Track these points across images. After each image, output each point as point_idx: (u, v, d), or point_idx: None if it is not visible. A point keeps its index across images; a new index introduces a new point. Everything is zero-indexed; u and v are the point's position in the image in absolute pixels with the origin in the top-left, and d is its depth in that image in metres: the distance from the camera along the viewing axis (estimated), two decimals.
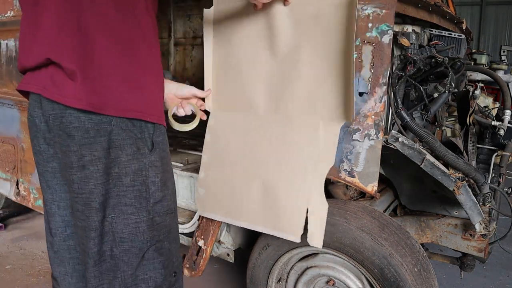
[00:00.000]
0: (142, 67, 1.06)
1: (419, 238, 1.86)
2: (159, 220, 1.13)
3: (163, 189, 1.13)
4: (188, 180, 1.99)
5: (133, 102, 1.03)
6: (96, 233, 1.07)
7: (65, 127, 1.02)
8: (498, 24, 13.55)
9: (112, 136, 1.03)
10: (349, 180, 1.38)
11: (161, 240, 1.14)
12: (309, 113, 1.37)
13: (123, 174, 1.05)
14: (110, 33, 1.00)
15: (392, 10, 1.25)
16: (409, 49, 1.49)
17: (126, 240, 1.08)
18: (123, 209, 1.06)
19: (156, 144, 1.10)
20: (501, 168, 1.81)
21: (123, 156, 1.04)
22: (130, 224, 1.07)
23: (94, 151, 1.02)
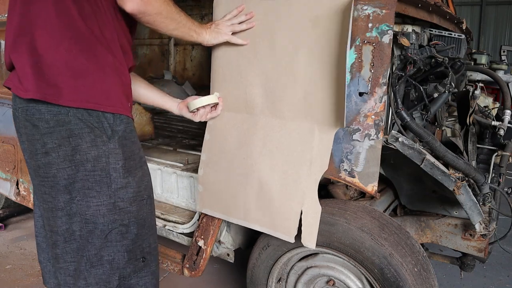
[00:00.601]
0: (98, 62, 1.14)
1: (419, 238, 1.85)
2: (123, 205, 1.20)
3: (126, 175, 1.19)
4: (188, 180, 1.99)
5: (87, 94, 1.12)
6: (62, 212, 1.17)
7: (29, 118, 1.13)
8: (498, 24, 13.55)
9: (71, 126, 1.12)
10: (349, 180, 1.38)
11: (125, 225, 1.21)
12: (304, 117, 1.38)
13: (84, 160, 1.14)
14: (53, 31, 1.10)
15: (392, 10, 1.25)
16: (409, 49, 1.49)
17: (89, 221, 1.17)
18: (86, 192, 1.16)
19: (115, 133, 1.17)
20: (501, 168, 1.81)
21: (83, 143, 1.13)
22: (92, 207, 1.16)
23: (54, 139, 1.12)
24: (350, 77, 1.32)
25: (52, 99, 1.10)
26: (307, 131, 1.38)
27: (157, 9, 1.15)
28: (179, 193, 2.04)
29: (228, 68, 1.52)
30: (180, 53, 4.19)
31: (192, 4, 3.98)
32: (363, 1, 1.29)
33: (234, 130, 1.53)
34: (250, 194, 1.50)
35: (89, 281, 1.21)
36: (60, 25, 1.09)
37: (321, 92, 1.34)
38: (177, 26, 1.25)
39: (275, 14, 1.38)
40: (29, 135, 1.15)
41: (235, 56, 1.50)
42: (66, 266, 1.21)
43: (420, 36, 1.68)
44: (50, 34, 1.10)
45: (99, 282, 1.21)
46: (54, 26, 1.09)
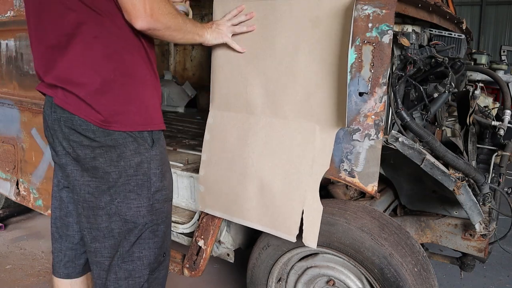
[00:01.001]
0: (140, 86, 1.23)
1: (419, 238, 1.85)
2: (158, 206, 1.30)
3: (162, 179, 1.30)
4: (188, 180, 1.99)
5: (132, 121, 1.22)
6: (103, 211, 1.25)
7: (76, 128, 1.20)
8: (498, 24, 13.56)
9: (115, 136, 1.20)
10: (349, 180, 1.38)
11: (158, 224, 1.31)
12: (305, 117, 1.38)
13: (127, 166, 1.23)
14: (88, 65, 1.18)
15: (392, 10, 1.25)
16: (409, 49, 1.49)
17: (129, 221, 1.26)
18: (127, 195, 1.24)
19: (156, 141, 1.28)
20: (501, 168, 1.81)
21: (127, 151, 1.22)
22: (133, 208, 1.25)
23: (102, 145, 1.20)
24: (350, 77, 1.32)
25: (100, 124, 1.19)
26: (308, 130, 1.38)
27: (165, 24, 1.18)
28: (179, 193, 2.04)
29: (228, 68, 1.53)
30: (180, 53, 4.19)
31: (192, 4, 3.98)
32: (363, 1, 1.29)
33: (235, 130, 1.53)
34: (251, 193, 1.50)
35: (119, 275, 1.29)
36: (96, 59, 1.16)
37: (322, 92, 1.34)
38: (183, 35, 1.29)
39: (276, 14, 1.38)
40: (76, 142, 1.21)
41: (235, 56, 1.50)
42: (102, 260, 1.30)
43: (420, 36, 1.69)
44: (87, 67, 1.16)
45: (128, 277, 1.30)
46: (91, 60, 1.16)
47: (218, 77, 1.56)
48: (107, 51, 1.16)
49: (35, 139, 2.33)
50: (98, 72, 1.16)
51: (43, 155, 2.30)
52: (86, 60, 1.15)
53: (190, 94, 4.04)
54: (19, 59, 2.33)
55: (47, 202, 2.34)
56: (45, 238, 2.95)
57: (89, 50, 1.15)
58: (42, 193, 2.36)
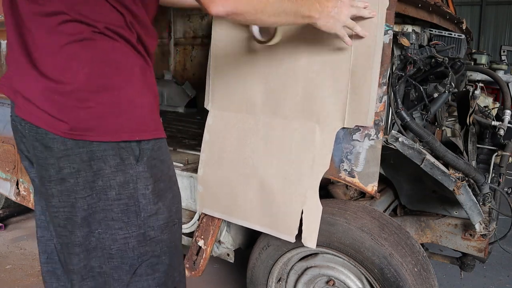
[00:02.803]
0: (124, 80, 0.96)
1: (419, 238, 1.85)
2: (154, 234, 1.03)
3: (156, 201, 1.02)
4: (188, 180, 1.98)
5: (115, 129, 0.95)
6: (80, 248, 1.00)
7: (40, 138, 0.94)
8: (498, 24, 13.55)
9: (93, 147, 0.93)
10: (349, 180, 1.38)
11: (157, 256, 1.05)
12: (305, 116, 1.38)
13: (107, 187, 0.96)
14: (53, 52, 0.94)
15: (392, 10, 1.25)
16: (409, 49, 1.49)
17: (115, 256, 1.00)
18: (109, 224, 0.98)
19: (143, 152, 0.99)
20: (501, 168, 1.81)
21: (106, 168, 0.95)
22: (119, 240, 0.99)
23: (73, 163, 0.93)
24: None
25: (66, 134, 0.92)
26: (308, 130, 1.37)
27: (253, 7, 0.92)
28: None
29: (227, 67, 1.52)
30: (180, 53, 4.19)
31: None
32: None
33: (235, 130, 1.53)
34: (250, 194, 1.50)
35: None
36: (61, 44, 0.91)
37: (322, 92, 1.34)
38: (277, 19, 1.00)
39: None
40: (40, 158, 0.96)
41: (235, 55, 1.50)
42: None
43: (420, 36, 1.68)
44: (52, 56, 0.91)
45: None
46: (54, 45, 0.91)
47: (218, 77, 1.56)
48: (76, 37, 0.90)
49: None
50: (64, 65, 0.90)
51: None
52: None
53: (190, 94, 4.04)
54: None
55: None
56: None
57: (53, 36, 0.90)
58: None
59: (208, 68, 1.60)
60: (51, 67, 0.91)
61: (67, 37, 0.90)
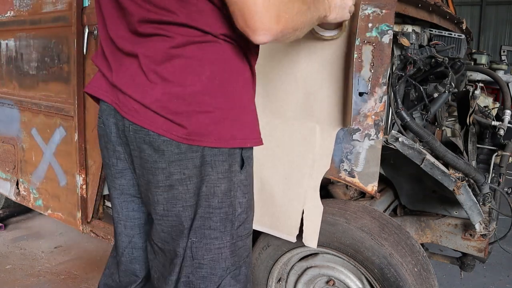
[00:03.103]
0: (238, 80, 0.94)
1: (419, 238, 1.85)
2: (241, 244, 1.01)
3: (247, 210, 1.01)
4: None
5: (233, 129, 0.92)
6: (180, 259, 0.96)
7: (152, 141, 0.89)
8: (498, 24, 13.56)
9: (205, 151, 0.90)
10: (349, 180, 1.38)
11: (239, 266, 1.02)
12: (306, 117, 1.38)
13: (211, 194, 0.92)
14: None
15: (392, 10, 1.25)
16: (409, 49, 1.49)
17: (205, 266, 0.97)
18: (206, 233, 0.94)
19: (246, 160, 0.97)
20: (501, 168, 1.81)
21: (213, 174, 0.91)
22: (213, 250, 0.96)
23: (184, 168, 0.90)
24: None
25: (183, 139, 0.89)
26: (309, 130, 1.37)
27: (294, 28, 0.86)
28: None
29: None
30: None
31: None
32: (363, 1, 1.29)
33: None
34: None
35: None
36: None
37: (322, 92, 1.34)
38: (308, 28, 0.97)
39: None
40: (148, 161, 0.91)
41: None
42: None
43: (420, 36, 1.68)
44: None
45: None
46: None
47: None
48: (194, 39, 0.87)
49: (35, 139, 2.32)
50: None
51: (43, 155, 2.30)
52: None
53: None
54: (19, 59, 2.33)
55: (47, 202, 2.34)
56: (45, 238, 2.95)
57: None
58: (42, 193, 2.36)
59: None
60: (170, 69, 0.87)
61: (184, 38, 0.87)
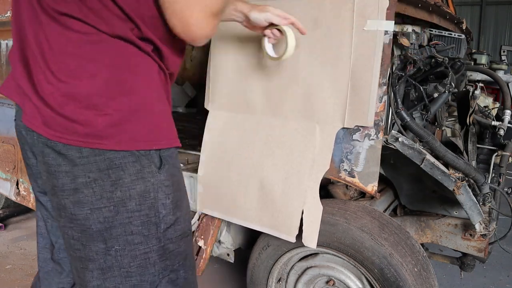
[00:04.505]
0: (140, 89, 0.91)
1: (419, 238, 1.85)
2: (173, 247, 0.98)
3: (175, 211, 0.97)
4: (188, 180, 1.98)
5: (130, 137, 0.89)
6: (94, 264, 0.93)
7: (53, 145, 0.87)
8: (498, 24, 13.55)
9: (110, 154, 0.87)
10: (349, 180, 1.38)
11: (175, 270, 0.99)
12: (305, 117, 1.38)
13: (126, 198, 0.90)
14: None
15: (392, 10, 1.25)
16: (409, 49, 1.49)
17: (134, 274, 0.93)
18: (128, 239, 0.91)
19: (164, 160, 0.95)
20: (501, 168, 1.81)
21: (125, 176, 0.89)
22: (138, 256, 0.93)
23: (89, 172, 0.87)
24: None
25: (83, 143, 0.86)
26: (308, 130, 1.38)
27: (219, 19, 0.89)
28: None
29: (228, 67, 1.52)
30: None
31: None
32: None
33: (235, 130, 1.53)
34: (251, 194, 1.50)
35: None
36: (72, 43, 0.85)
37: (322, 92, 1.34)
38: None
39: None
40: (51, 165, 0.89)
41: (235, 56, 1.50)
42: None
43: (420, 36, 1.69)
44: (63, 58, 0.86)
45: None
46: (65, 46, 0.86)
47: (217, 77, 1.56)
48: (93, 37, 0.85)
49: None
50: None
51: None
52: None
53: (190, 94, 4.04)
54: None
55: None
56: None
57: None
58: None
59: (208, 68, 1.60)
60: (66, 69, 0.85)
61: (83, 37, 0.84)
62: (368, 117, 1.28)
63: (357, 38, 1.26)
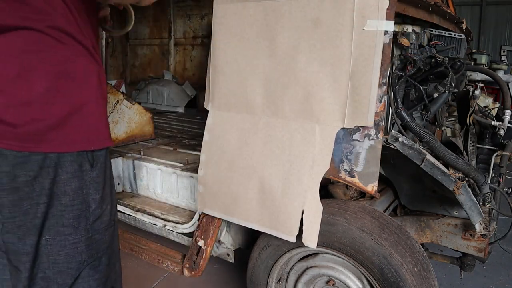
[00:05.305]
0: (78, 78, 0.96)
1: (419, 238, 1.85)
2: (98, 237, 1.07)
3: (101, 205, 1.06)
4: (188, 180, 1.99)
5: (69, 139, 0.95)
6: (28, 257, 0.98)
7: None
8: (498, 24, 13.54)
9: (49, 154, 0.93)
10: (349, 180, 1.38)
11: (99, 257, 1.08)
12: (305, 117, 1.38)
13: (61, 193, 0.97)
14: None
15: (392, 10, 1.25)
16: (409, 49, 1.49)
17: (61, 261, 1.00)
18: (60, 230, 0.99)
19: (97, 158, 1.02)
20: (501, 168, 1.81)
21: (62, 174, 0.96)
22: (68, 246, 1.00)
23: (29, 171, 0.92)
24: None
25: (18, 147, 0.91)
26: (308, 131, 1.37)
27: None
28: (179, 193, 2.04)
29: (228, 67, 1.52)
30: (180, 53, 4.19)
31: (191, 4, 3.99)
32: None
33: (235, 130, 1.53)
34: (251, 194, 1.50)
35: None
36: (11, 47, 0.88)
37: (322, 92, 1.34)
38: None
39: (276, 15, 1.38)
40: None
41: (235, 56, 1.50)
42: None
43: (420, 36, 1.69)
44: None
45: None
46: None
47: (217, 77, 1.56)
48: (32, 47, 0.88)
49: None
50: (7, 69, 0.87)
51: None
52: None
53: (190, 94, 4.05)
54: None
55: None
56: None
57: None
58: None
59: (208, 68, 1.60)
60: (5, 77, 0.87)
61: (23, 46, 0.87)
62: (368, 117, 1.28)
63: (357, 38, 1.26)
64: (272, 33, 1.39)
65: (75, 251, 1.02)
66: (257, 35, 1.43)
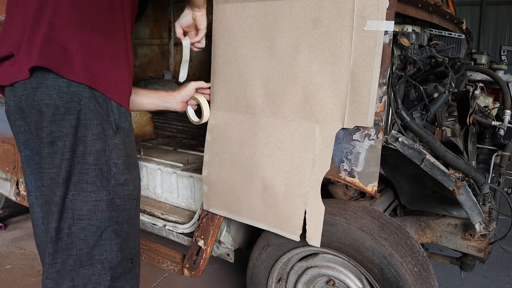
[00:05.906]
0: (113, 49, 1.14)
1: (419, 238, 1.86)
2: (119, 202, 1.17)
3: (125, 172, 1.17)
4: (188, 180, 1.99)
5: (98, 77, 1.09)
6: (57, 208, 1.10)
7: (36, 105, 1.07)
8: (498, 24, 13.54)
9: (81, 115, 1.08)
10: (349, 180, 1.38)
11: (120, 223, 1.17)
12: (305, 117, 1.38)
13: (87, 152, 1.10)
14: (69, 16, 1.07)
15: (392, 10, 1.25)
16: (409, 49, 1.49)
17: (84, 217, 1.11)
18: (84, 187, 1.11)
19: (120, 129, 1.16)
20: (501, 168, 1.81)
21: (89, 135, 1.09)
22: (90, 202, 1.12)
23: (62, 127, 1.07)
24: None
25: (62, 70, 1.04)
26: (308, 131, 1.38)
27: None
28: (179, 193, 2.04)
29: (228, 68, 1.52)
30: (180, 53, 4.19)
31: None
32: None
33: (236, 130, 1.53)
34: (254, 193, 1.50)
35: (77, 282, 1.13)
36: (78, 11, 1.07)
37: (322, 92, 1.34)
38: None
39: (276, 15, 1.38)
40: (36, 122, 1.09)
41: (235, 57, 1.50)
42: (46, 269, 1.13)
43: (420, 36, 1.69)
44: (67, 19, 1.06)
45: (87, 283, 1.14)
46: (71, 12, 1.06)
47: (218, 78, 1.56)
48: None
49: None
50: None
51: None
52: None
53: None
54: None
55: None
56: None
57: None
58: None
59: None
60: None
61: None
62: (368, 117, 1.28)
63: (357, 38, 1.26)
64: (272, 33, 1.40)
65: (96, 208, 1.12)
66: (257, 35, 1.43)
